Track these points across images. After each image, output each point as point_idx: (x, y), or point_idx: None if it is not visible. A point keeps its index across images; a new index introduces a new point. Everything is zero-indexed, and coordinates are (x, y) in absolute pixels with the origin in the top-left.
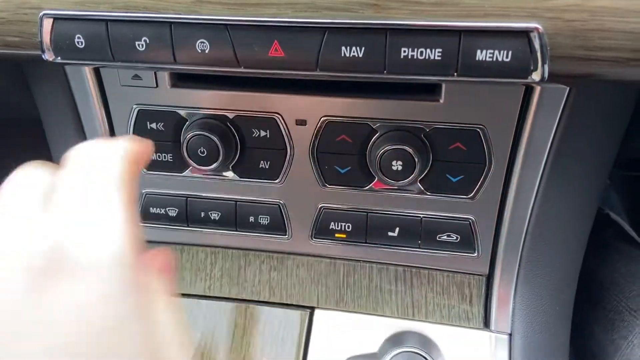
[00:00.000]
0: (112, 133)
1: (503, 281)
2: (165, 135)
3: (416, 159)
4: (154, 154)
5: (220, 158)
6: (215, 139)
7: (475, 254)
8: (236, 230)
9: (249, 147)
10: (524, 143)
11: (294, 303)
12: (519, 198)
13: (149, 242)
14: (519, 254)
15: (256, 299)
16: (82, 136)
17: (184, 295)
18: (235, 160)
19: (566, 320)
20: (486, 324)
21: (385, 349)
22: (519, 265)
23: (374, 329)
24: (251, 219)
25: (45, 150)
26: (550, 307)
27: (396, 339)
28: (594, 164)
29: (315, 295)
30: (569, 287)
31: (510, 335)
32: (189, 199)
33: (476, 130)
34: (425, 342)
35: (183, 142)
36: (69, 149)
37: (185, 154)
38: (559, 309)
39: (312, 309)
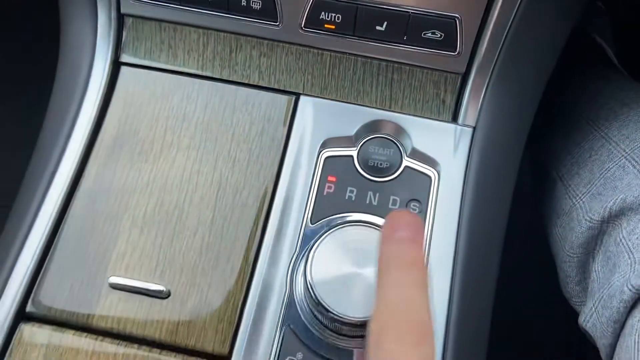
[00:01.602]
0: None
1: (477, 80)
2: None
3: None
4: None
5: None
6: None
7: (456, 53)
8: (228, 13)
9: None
10: None
11: (281, 88)
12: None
13: (143, 17)
14: (496, 55)
15: (246, 82)
16: None
17: (177, 72)
18: None
19: (526, 123)
20: (454, 118)
21: (361, 133)
22: (494, 66)
23: (353, 116)
24: (243, 2)
25: None
26: (514, 108)
27: (371, 126)
28: None
29: (301, 82)
30: (534, 93)
31: (474, 128)
32: None
33: None
34: (397, 130)
35: None
36: None
37: None
38: (521, 111)
39: (298, 94)
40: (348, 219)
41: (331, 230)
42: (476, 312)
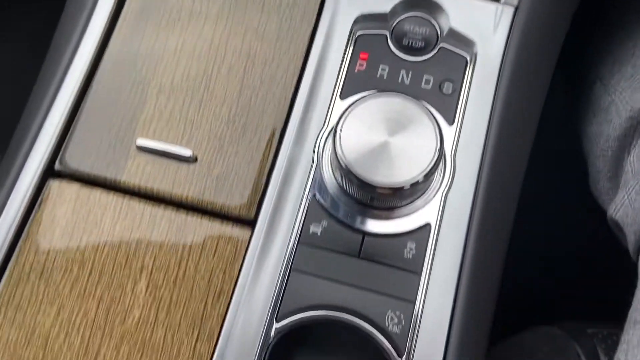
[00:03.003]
0: None
1: None
2: None
3: None
4: None
5: None
6: None
7: None
8: None
9: None
10: None
11: None
12: None
13: None
14: None
15: None
16: None
17: None
18: None
19: (571, 6)
20: None
21: (396, 10)
22: None
23: None
24: None
25: None
26: None
27: (408, 3)
28: None
29: None
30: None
31: (516, 8)
32: None
33: None
34: (435, 8)
35: None
36: None
37: None
38: None
39: None
40: None
41: (362, 100)
42: (498, 216)
